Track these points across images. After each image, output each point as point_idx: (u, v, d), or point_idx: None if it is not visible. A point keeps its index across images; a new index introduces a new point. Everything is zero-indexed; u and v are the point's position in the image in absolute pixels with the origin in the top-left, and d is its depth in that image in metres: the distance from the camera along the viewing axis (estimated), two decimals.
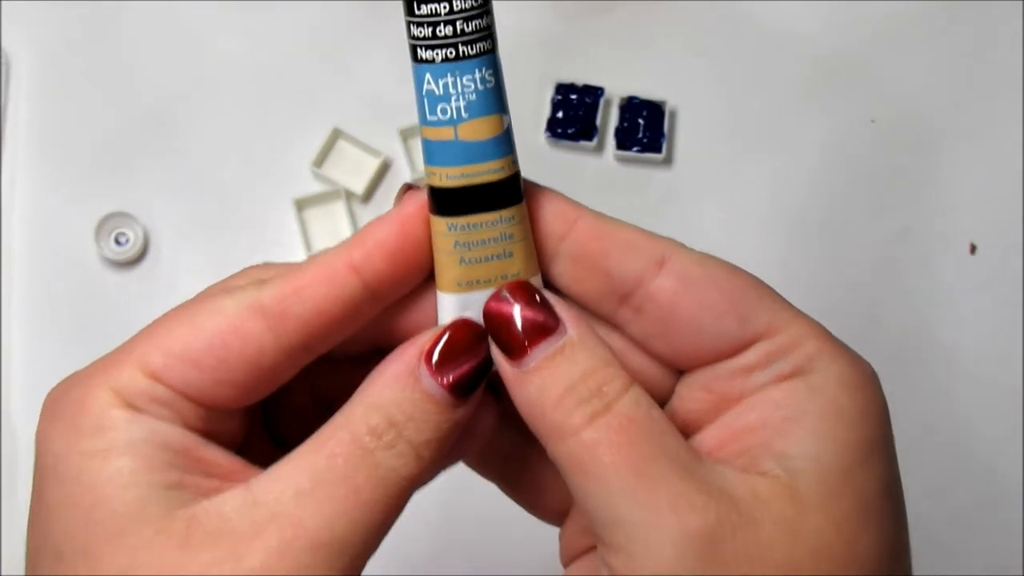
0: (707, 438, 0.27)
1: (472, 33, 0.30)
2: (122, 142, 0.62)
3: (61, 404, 0.27)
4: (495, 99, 0.31)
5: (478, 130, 0.31)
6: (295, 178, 0.61)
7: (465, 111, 0.31)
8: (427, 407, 0.26)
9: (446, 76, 0.30)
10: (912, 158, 0.63)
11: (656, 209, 0.61)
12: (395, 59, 0.64)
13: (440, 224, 0.28)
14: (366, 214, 0.61)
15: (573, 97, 0.62)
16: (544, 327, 0.26)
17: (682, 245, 0.29)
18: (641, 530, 0.24)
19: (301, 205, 0.60)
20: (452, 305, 0.28)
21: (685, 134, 0.63)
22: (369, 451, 0.25)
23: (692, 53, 0.65)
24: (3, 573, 0.54)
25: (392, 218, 0.27)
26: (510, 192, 0.30)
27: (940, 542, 0.56)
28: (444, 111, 0.31)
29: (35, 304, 0.59)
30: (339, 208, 0.61)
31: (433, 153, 0.31)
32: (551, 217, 0.28)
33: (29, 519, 0.27)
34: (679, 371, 0.28)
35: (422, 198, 0.28)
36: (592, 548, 0.30)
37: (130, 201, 0.60)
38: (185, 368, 0.26)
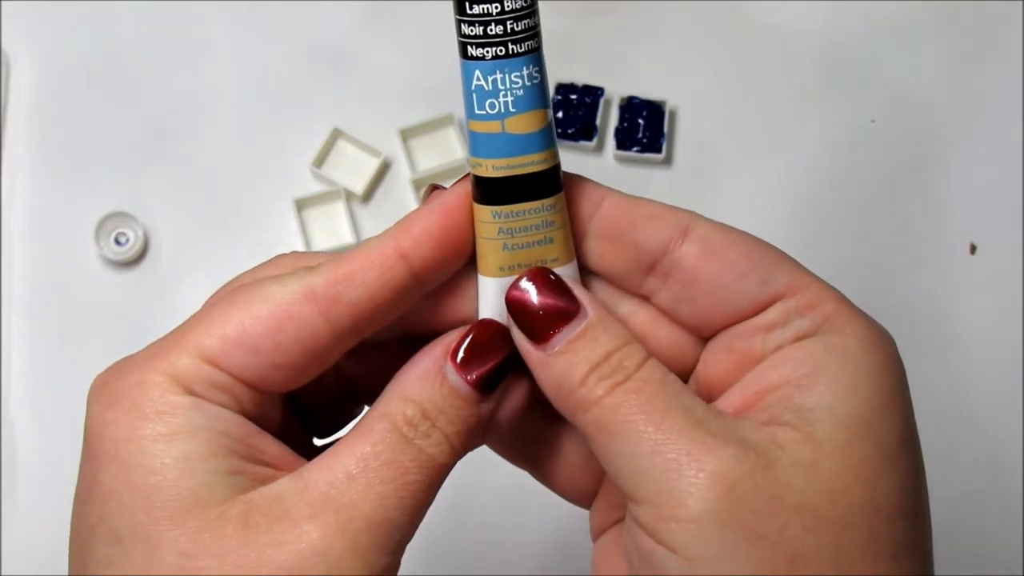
0: (731, 398, 0.28)
1: (521, 32, 0.31)
2: (122, 142, 0.62)
3: (117, 390, 0.28)
4: (540, 94, 0.32)
5: (524, 124, 0.32)
6: (295, 178, 0.61)
7: (512, 106, 0.32)
8: (455, 402, 0.28)
9: (495, 73, 0.31)
10: (912, 158, 0.63)
11: None
12: (395, 59, 0.64)
13: (485, 212, 0.30)
14: (366, 214, 0.61)
15: (573, 97, 0.62)
16: (565, 312, 0.27)
17: (703, 216, 0.30)
18: (663, 478, 0.25)
19: (301, 205, 0.60)
20: (493, 289, 0.30)
21: (685, 134, 0.63)
22: (409, 439, 0.27)
23: (692, 53, 0.65)
24: (3, 573, 0.54)
25: (437, 207, 0.29)
26: (552, 182, 0.32)
27: (941, 540, 0.56)
28: (492, 106, 0.32)
29: (35, 304, 0.59)
30: (339, 208, 0.61)
31: (480, 145, 0.32)
32: (580, 199, 0.30)
33: (77, 503, 0.28)
34: (704, 340, 0.30)
35: (464, 188, 0.30)
36: (619, 521, 0.31)
37: (130, 201, 0.60)
38: (243, 353, 0.27)
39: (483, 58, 0.31)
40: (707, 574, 0.24)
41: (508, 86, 0.32)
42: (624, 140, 0.62)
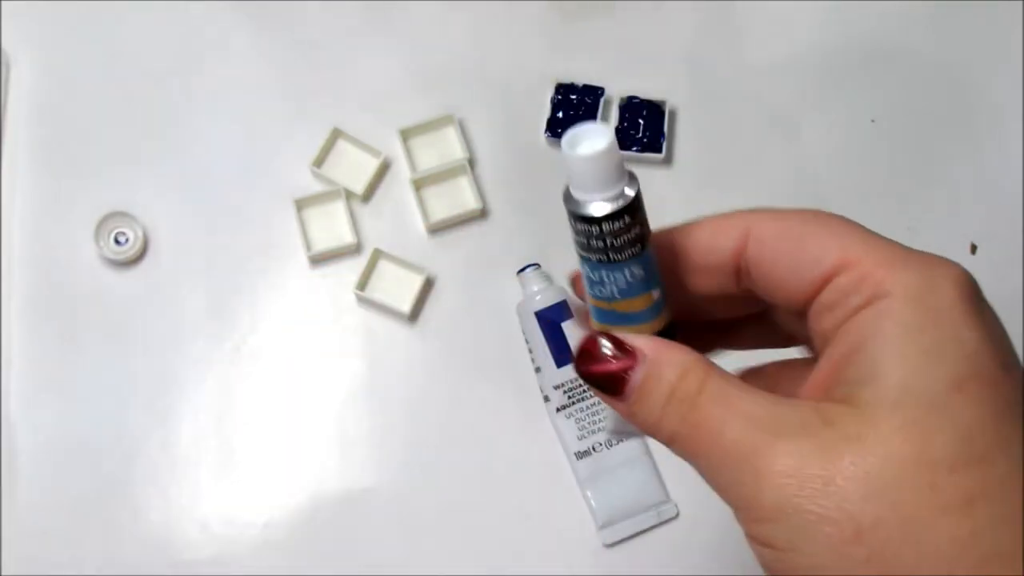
0: (812, 379, 0.30)
1: (620, 246, 0.36)
2: (122, 142, 0.62)
3: None
4: (643, 285, 0.36)
5: (630, 306, 0.36)
6: (295, 178, 0.61)
7: (618, 294, 0.36)
8: None
9: (600, 270, 0.36)
10: (912, 158, 0.63)
11: (656, 209, 0.61)
12: (395, 59, 0.64)
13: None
14: (366, 214, 0.61)
15: (573, 97, 0.62)
16: (624, 368, 0.31)
17: (767, 209, 0.33)
18: (739, 489, 0.28)
19: (301, 205, 0.60)
20: None
21: (685, 134, 0.63)
22: None
23: (692, 53, 0.65)
24: (3, 573, 0.54)
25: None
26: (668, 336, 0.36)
27: None
28: (601, 291, 0.36)
29: (35, 304, 0.59)
30: (339, 208, 0.61)
31: (596, 314, 0.37)
32: (664, 258, 0.35)
33: None
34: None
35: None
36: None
37: (130, 201, 0.60)
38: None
39: (588, 259, 0.36)
40: (797, 563, 0.27)
41: (613, 281, 0.36)
42: (624, 140, 0.62)
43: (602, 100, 0.62)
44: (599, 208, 0.37)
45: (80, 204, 0.60)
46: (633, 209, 0.37)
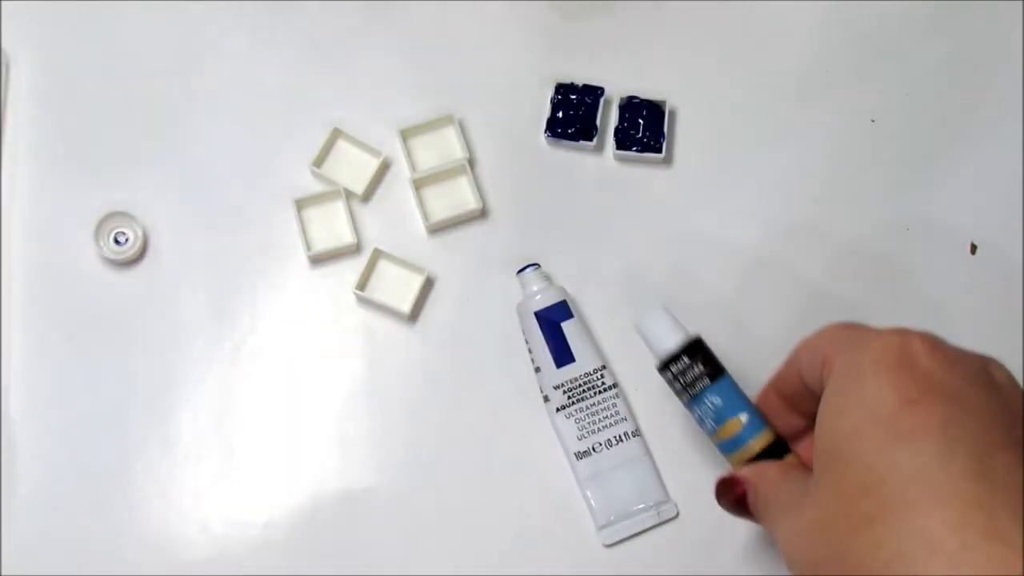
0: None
1: (690, 382, 0.49)
2: (121, 142, 0.62)
3: None
4: (726, 411, 0.49)
5: (727, 431, 0.48)
6: (295, 178, 0.61)
7: (714, 422, 0.49)
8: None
9: (692, 409, 0.50)
10: (912, 158, 0.63)
11: (656, 209, 0.61)
12: (395, 59, 0.64)
13: None
14: (366, 214, 0.61)
15: (573, 97, 0.62)
16: (741, 498, 0.47)
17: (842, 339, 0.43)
18: (783, 539, 0.41)
19: (301, 205, 0.60)
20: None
21: (685, 134, 0.63)
22: None
23: (691, 53, 0.65)
24: (3, 573, 0.54)
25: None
26: (776, 453, 0.48)
27: None
28: (706, 428, 0.50)
29: (35, 304, 0.59)
30: (339, 208, 0.61)
31: (721, 449, 0.50)
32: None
33: None
34: None
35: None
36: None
37: (129, 201, 0.60)
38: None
39: (685, 404, 0.50)
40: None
41: (703, 414, 0.49)
42: (624, 140, 0.62)
43: (602, 100, 0.62)
44: (665, 357, 0.50)
45: (80, 204, 0.60)
46: (688, 351, 0.50)
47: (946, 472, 0.34)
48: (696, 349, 0.50)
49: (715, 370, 0.49)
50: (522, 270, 0.59)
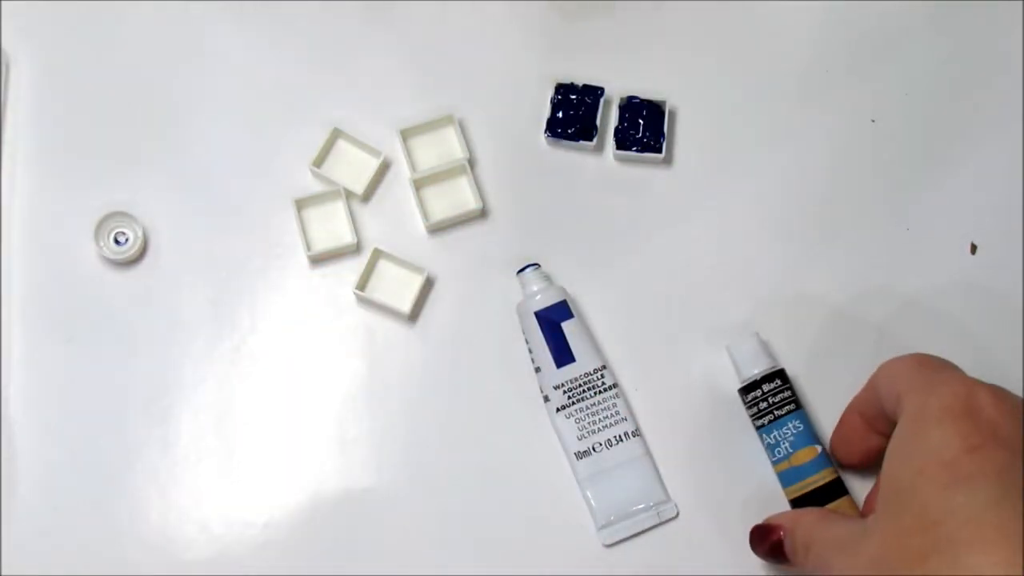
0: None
1: (780, 405, 0.54)
2: (121, 142, 0.62)
3: None
4: (806, 438, 0.54)
5: (801, 458, 0.53)
6: (295, 178, 0.61)
7: (791, 447, 0.53)
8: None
9: (773, 431, 0.54)
10: (912, 158, 0.63)
11: (656, 209, 0.61)
12: (395, 59, 0.64)
13: None
14: (366, 214, 0.61)
15: (573, 97, 0.62)
16: (777, 545, 0.49)
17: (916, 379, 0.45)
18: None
19: (301, 205, 0.60)
20: None
21: (685, 134, 0.63)
22: None
23: (692, 53, 0.65)
24: (3, 574, 0.54)
25: None
26: (834, 491, 0.53)
27: None
28: (778, 453, 0.54)
29: (35, 304, 0.59)
30: (339, 208, 0.61)
31: (784, 480, 0.54)
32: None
33: None
34: None
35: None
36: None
37: (129, 201, 0.60)
38: None
39: (763, 427, 0.54)
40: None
41: (781, 437, 0.53)
42: (624, 140, 0.62)
43: (602, 100, 0.62)
44: (756, 374, 0.55)
45: (80, 204, 0.60)
46: (781, 375, 0.55)
47: (999, 514, 0.37)
48: (785, 377, 0.55)
49: (797, 399, 0.55)
50: (522, 270, 0.59)
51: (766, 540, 0.49)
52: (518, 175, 0.62)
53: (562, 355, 0.57)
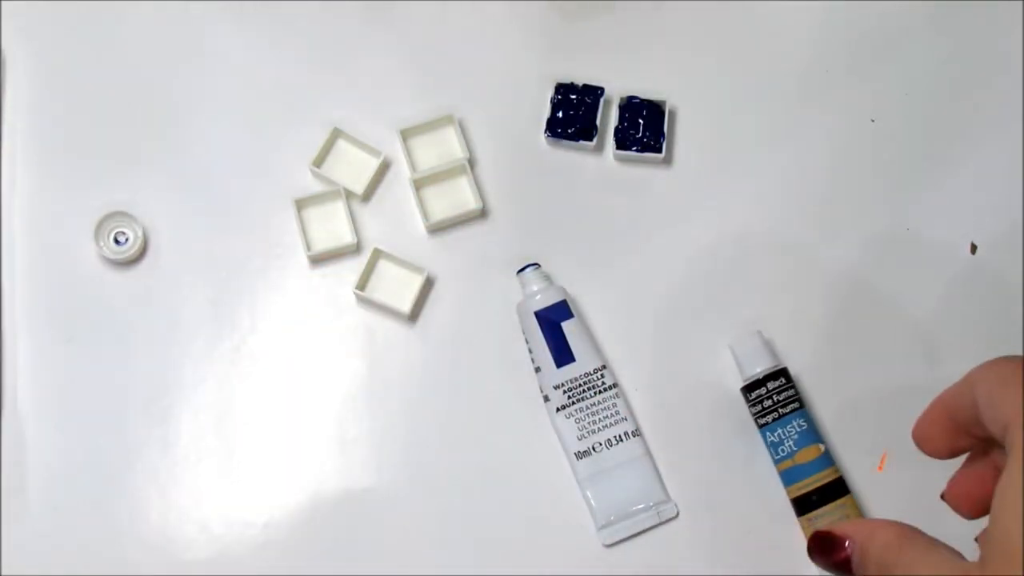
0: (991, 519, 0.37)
1: (784, 403, 0.54)
2: (121, 142, 0.62)
3: None
4: (810, 436, 0.54)
5: (805, 456, 0.53)
6: (295, 178, 0.61)
7: (794, 446, 0.54)
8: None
9: (776, 429, 0.54)
10: (912, 158, 0.63)
11: (656, 209, 0.61)
12: (395, 59, 0.64)
13: (803, 521, 0.54)
14: (366, 214, 0.61)
15: (573, 97, 0.62)
16: (841, 554, 0.41)
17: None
18: None
19: (301, 205, 0.60)
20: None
21: (685, 134, 0.63)
22: None
23: (692, 53, 0.65)
24: (3, 573, 0.54)
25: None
26: (837, 490, 0.53)
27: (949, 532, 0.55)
28: (781, 451, 0.54)
29: (35, 304, 0.59)
30: (339, 208, 0.61)
31: (786, 478, 0.54)
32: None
33: None
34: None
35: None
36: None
37: (129, 201, 0.60)
38: None
39: (767, 425, 0.54)
40: None
41: (785, 435, 0.54)
42: (624, 140, 0.62)
43: (602, 100, 0.62)
44: (759, 373, 0.55)
45: (80, 204, 0.60)
46: (784, 373, 0.55)
47: None
48: (788, 375, 0.55)
49: (800, 398, 0.55)
50: (522, 270, 0.59)
51: (831, 553, 0.43)
52: (518, 175, 0.62)
53: (562, 355, 0.57)
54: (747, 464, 0.56)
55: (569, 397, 0.56)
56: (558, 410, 0.56)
